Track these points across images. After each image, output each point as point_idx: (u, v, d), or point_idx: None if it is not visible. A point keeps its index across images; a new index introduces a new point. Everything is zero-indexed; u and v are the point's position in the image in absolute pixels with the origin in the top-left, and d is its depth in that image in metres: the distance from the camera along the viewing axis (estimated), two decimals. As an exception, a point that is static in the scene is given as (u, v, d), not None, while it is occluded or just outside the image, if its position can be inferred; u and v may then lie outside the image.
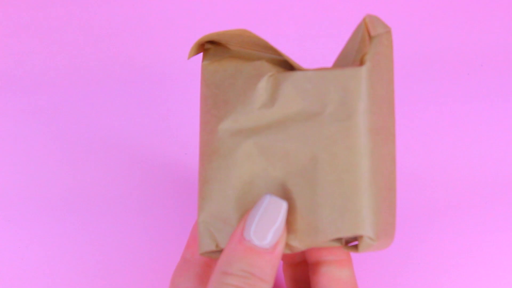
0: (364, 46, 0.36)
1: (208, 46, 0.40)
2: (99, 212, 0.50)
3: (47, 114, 0.54)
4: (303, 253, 0.42)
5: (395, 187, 0.38)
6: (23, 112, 0.54)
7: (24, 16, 0.58)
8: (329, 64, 0.56)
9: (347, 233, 0.35)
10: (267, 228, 0.35)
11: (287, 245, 0.37)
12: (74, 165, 0.52)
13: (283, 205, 0.36)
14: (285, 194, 0.37)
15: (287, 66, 0.38)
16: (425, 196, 0.50)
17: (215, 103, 0.38)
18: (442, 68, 0.56)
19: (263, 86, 0.37)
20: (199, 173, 0.38)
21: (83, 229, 0.49)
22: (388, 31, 0.37)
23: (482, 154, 0.52)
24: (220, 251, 0.38)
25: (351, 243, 0.37)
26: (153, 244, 0.49)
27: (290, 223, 0.36)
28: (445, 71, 0.56)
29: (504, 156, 0.52)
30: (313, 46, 0.57)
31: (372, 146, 0.36)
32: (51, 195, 0.50)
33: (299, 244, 0.36)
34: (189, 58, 0.39)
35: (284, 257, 0.42)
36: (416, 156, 0.52)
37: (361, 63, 0.36)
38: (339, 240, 0.37)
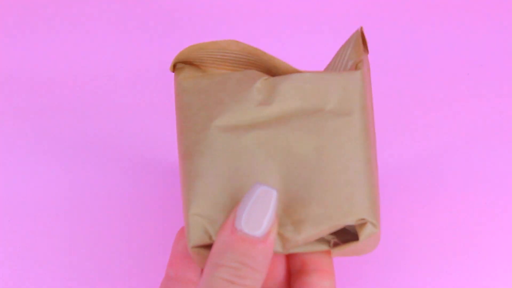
0: (358, 54, 0.40)
1: (180, 65, 0.41)
2: (99, 213, 0.50)
3: (46, 114, 0.54)
4: (283, 274, 0.41)
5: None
6: (22, 112, 0.54)
7: (25, 16, 0.59)
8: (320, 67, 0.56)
9: (354, 217, 0.36)
10: (259, 217, 0.35)
11: (284, 239, 0.36)
12: (73, 166, 0.52)
13: (274, 193, 0.35)
14: (286, 185, 0.37)
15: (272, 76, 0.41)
16: (425, 196, 0.50)
17: (204, 105, 0.39)
18: (442, 68, 0.56)
19: (258, 87, 0.39)
20: (184, 172, 0.38)
21: (82, 229, 0.49)
22: (366, 54, 0.41)
23: (481, 154, 0.52)
24: (212, 245, 0.37)
25: (336, 246, 0.38)
26: (151, 244, 0.49)
27: (290, 214, 0.37)
28: (445, 71, 0.56)
29: (504, 156, 0.52)
30: (308, 45, 0.57)
31: (369, 141, 0.38)
32: (50, 195, 0.50)
33: (298, 236, 0.36)
34: (172, 68, 0.40)
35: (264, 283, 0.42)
36: (416, 156, 0.52)
37: (357, 68, 0.39)
38: (327, 242, 0.38)
